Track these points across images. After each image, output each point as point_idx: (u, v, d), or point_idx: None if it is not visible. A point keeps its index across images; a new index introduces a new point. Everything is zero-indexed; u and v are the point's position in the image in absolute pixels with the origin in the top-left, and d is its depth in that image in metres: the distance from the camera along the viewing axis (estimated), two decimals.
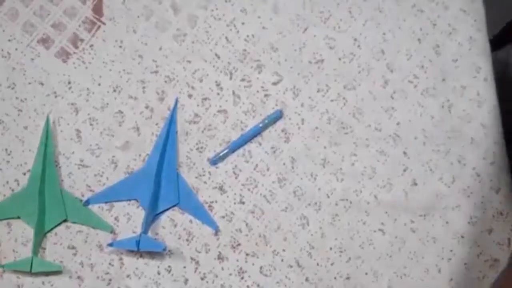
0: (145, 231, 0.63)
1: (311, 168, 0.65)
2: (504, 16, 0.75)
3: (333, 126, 0.66)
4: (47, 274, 0.64)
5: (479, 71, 0.67)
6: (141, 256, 0.65)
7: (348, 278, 0.64)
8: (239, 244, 0.65)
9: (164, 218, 0.65)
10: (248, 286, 0.64)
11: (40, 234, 0.64)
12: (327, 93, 0.67)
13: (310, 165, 0.65)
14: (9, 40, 0.69)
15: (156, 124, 0.67)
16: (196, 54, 0.68)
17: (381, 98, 0.67)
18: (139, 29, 0.69)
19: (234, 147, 0.64)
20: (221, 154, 0.64)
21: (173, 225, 0.65)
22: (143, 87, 0.68)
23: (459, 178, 0.65)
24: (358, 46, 0.68)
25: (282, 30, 0.68)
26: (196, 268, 0.64)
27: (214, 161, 0.65)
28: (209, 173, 0.66)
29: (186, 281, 0.64)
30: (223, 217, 0.65)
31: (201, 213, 0.65)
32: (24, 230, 0.65)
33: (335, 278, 0.64)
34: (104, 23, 0.69)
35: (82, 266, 0.64)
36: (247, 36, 0.68)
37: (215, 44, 0.68)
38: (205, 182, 0.66)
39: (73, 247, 0.65)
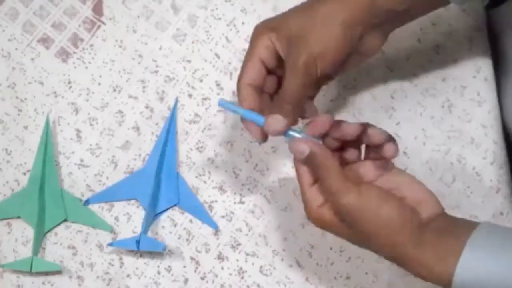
0: (145, 231, 0.63)
1: None
2: None
3: None
4: (47, 274, 0.64)
5: (479, 71, 0.67)
6: (141, 256, 0.65)
7: (348, 278, 0.64)
8: (239, 244, 0.65)
9: (164, 218, 0.65)
10: (248, 286, 0.64)
11: (40, 234, 0.64)
12: (327, 93, 0.67)
13: None
14: (9, 40, 0.69)
15: (156, 124, 0.67)
16: (196, 54, 0.68)
17: (381, 98, 0.67)
18: (139, 29, 0.69)
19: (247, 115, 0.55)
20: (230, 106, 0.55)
21: (173, 225, 0.65)
22: (143, 87, 0.68)
23: (459, 178, 0.65)
24: None
25: None
26: (196, 268, 0.64)
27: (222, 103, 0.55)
28: (209, 173, 0.66)
29: (186, 281, 0.64)
30: (223, 217, 0.65)
31: (201, 213, 0.65)
32: (24, 230, 0.65)
33: (335, 278, 0.64)
34: (104, 23, 0.69)
35: (82, 266, 0.65)
36: (247, 36, 0.68)
37: (215, 44, 0.68)
38: (205, 182, 0.66)
39: (73, 247, 0.65)
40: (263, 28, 0.55)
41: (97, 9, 0.69)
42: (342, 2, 0.53)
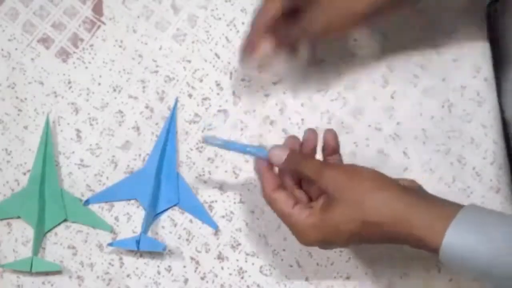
0: (145, 231, 0.63)
1: None
2: None
3: (333, 126, 0.66)
4: (47, 274, 0.64)
5: (479, 71, 0.67)
6: (141, 256, 0.65)
7: (348, 278, 0.64)
8: (239, 244, 0.65)
9: (164, 218, 0.65)
10: (248, 286, 0.64)
11: (40, 234, 0.64)
12: (327, 93, 0.67)
13: None
14: (9, 40, 0.69)
15: (156, 124, 0.67)
16: (196, 54, 0.68)
17: (381, 98, 0.67)
18: (139, 29, 0.69)
19: (229, 146, 0.59)
20: (216, 142, 0.58)
21: (173, 225, 0.65)
22: (143, 87, 0.68)
23: (459, 178, 0.65)
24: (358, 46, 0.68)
25: None
26: (196, 268, 0.64)
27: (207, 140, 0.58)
28: (209, 173, 0.66)
29: (186, 281, 0.64)
30: (223, 217, 0.65)
31: (201, 213, 0.65)
32: (24, 230, 0.65)
33: (335, 278, 0.64)
34: (104, 23, 0.69)
35: (82, 266, 0.65)
36: None
37: (215, 44, 0.68)
38: (205, 182, 0.66)
39: (73, 247, 0.65)
40: None
41: (97, 9, 0.69)
42: None
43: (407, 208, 0.50)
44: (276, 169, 0.56)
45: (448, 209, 0.49)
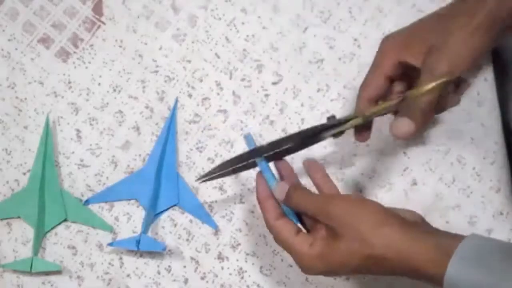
0: (145, 231, 0.63)
1: None
2: None
3: None
4: (47, 274, 0.64)
5: (479, 71, 0.67)
6: (141, 256, 0.65)
7: (348, 278, 0.64)
8: (239, 244, 0.65)
9: (164, 218, 0.65)
10: (248, 286, 0.64)
11: (40, 234, 0.64)
12: (327, 93, 0.67)
13: None
14: (9, 40, 0.69)
15: (156, 124, 0.67)
16: (196, 54, 0.68)
17: None
18: (139, 29, 0.69)
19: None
20: (250, 144, 0.58)
21: (173, 225, 0.65)
22: (143, 87, 0.68)
23: (459, 178, 0.65)
24: (358, 46, 0.68)
25: (282, 30, 0.68)
26: (196, 268, 0.64)
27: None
28: None
29: (186, 281, 0.64)
30: (223, 217, 0.65)
31: (201, 213, 0.65)
32: (24, 230, 0.65)
33: (335, 278, 0.64)
34: (104, 23, 0.69)
35: (82, 266, 0.65)
36: (247, 36, 0.68)
37: (215, 44, 0.68)
38: (205, 182, 0.66)
39: (73, 247, 0.65)
40: (393, 45, 0.56)
41: (97, 9, 0.69)
42: (475, 5, 0.53)
43: (410, 243, 0.50)
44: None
45: (449, 241, 0.49)
